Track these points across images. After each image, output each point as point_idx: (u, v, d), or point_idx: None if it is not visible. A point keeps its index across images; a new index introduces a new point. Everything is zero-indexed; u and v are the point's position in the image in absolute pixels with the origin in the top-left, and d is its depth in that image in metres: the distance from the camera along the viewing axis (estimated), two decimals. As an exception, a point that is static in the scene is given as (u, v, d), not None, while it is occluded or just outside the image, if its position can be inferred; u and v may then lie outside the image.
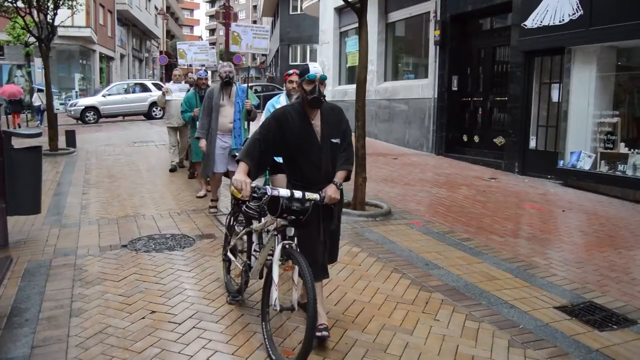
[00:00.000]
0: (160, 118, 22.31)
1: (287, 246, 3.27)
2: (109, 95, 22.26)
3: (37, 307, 4.11)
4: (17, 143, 5.85)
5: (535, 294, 4.40)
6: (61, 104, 23.73)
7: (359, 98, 6.92)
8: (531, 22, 9.52)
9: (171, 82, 10.60)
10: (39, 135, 6.68)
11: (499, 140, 10.87)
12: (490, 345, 3.54)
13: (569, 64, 9.00)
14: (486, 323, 3.86)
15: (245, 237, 4.06)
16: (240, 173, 3.31)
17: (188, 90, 9.20)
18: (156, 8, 49.11)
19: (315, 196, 3.27)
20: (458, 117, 12.16)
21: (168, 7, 58.69)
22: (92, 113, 21.57)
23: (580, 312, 4.05)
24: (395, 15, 14.48)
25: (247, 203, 3.60)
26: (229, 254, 4.27)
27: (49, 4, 12.17)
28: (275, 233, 3.35)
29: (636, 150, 8.07)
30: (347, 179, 3.56)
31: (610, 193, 8.23)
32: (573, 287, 4.56)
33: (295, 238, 3.32)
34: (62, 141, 12.95)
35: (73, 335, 3.63)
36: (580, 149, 8.85)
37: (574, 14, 8.68)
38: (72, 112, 21.51)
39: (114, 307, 4.09)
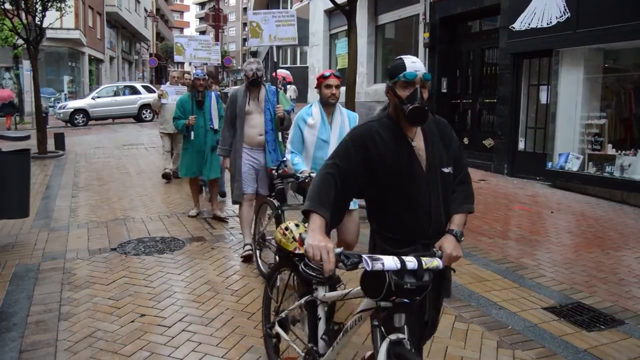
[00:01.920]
0: (150, 120, 22.26)
1: (396, 344, 2.11)
2: (99, 97, 22.15)
3: (26, 311, 4.08)
4: (5, 146, 5.80)
5: (524, 295, 4.43)
6: (50, 106, 23.57)
7: (349, 100, 6.96)
8: (519, 25, 9.60)
9: (167, 83, 9.62)
10: (27, 138, 6.64)
11: (488, 142, 10.93)
12: (479, 346, 3.56)
13: (556, 66, 9.08)
14: (475, 324, 3.88)
15: (303, 307, 2.84)
16: (316, 233, 2.15)
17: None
18: (146, 10, 48.97)
19: (437, 263, 2.11)
20: (447, 118, 11.81)
21: (158, 9, 58.53)
22: (81, 115, 21.46)
23: (569, 313, 4.08)
24: (384, 18, 14.54)
25: (305, 260, 2.57)
26: (276, 327, 3.05)
27: (37, 6, 12.10)
28: (376, 323, 2.18)
29: (623, 152, 8.14)
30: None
31: (598, 194, 8.30)
32: (561, 288, 4.59)
33: (406, 328, 2.16)
34: (51, 144, 12.87)
35: (62, 340, 3.61)
36: (568, 150, 8.92)
37: (561, 16, 8.76)
38: (61, 115, 21.39)
39: (103, 311, 4.07)
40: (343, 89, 7.53)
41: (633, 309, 4.19)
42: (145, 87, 23.57)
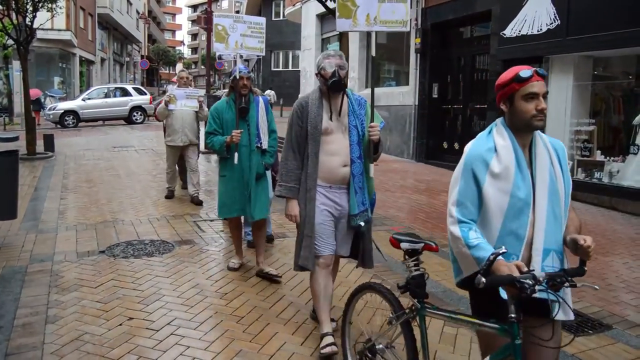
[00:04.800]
0: (141, 123, 22.17)
1: None
2: (89, 99, 22.05)
3: (12, 314, 4.04)
4: (-7, 147, 5.76)
5: (512, 299, 4.44)
6: (33, 109, 23.55)
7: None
8: (510, 31, 9.66)
9: (174, 85, 8.31)
10: (15, 139, 6.60)
11: (479, 148, 10.97)
12: (468, 351, 3.57)
13: (546, 72, 9.12)
14: (464, 329, 3.89)
15: None
16: None
17: (217, 98, 6.75)
18: (138, 12, 48.87)
19: None
20: (438, 124, 12.27)
21: (150, 12, 58.42)
22: (71, 117, 21.35)
23: (557, 318, 4.09)
24: (376, 23, 14.57)
25: None
26: None
27: (27, 7, 12.03)
28: None
29: (612, 158, 8.21)
30: None
31: (586, 200, 8.35)
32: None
33: None
34: (40, 145, 12.79)
35: (48, 343, 3.58)
36: (557, 156, 8.97)
37: (552, 23, 8.82)
38: (51, 116, 21.28)
39: (91, 314, 4.04)
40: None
41: (621, 314, 4.21)
42: (136, 89, 23.49)
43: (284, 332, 3.80)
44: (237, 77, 4.83)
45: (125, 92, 22.90)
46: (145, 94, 23.53)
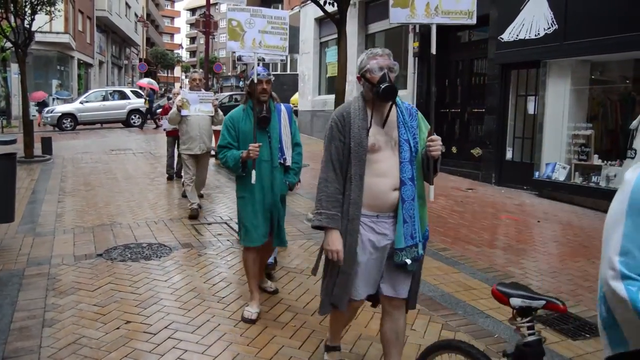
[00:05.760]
0: (139, 126, 22.16)
1: None
2: (87, 102, 22.05)
3: (9, 317, 4.03)
4: (-10, 150, 5.75)
5: (510, 303, 4.45)
6: (37, 111, 23.51)
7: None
8: (508, 36, 9.69)
9: (185, 89, 7.80)
10: (13, 142, 6.59)
11: (476, 151, 11.00)
12: (465, 355, 3.57)
13: (544, 77, 9.17)
14: (462, 332, 3.89)
15: None
16: None
17: (233, 104, 6.20)
18: (136, 15, 48.89)
19: None
20: (436, 128, 12.23)
21: (148, 15, 58.45)
22: (69, 120, 21.34)
23: (555, 322, 4.10)
24: (374, 27, 14.62)
25: None
26: None
27: (26, 9, 12.04)
28: None
29: (609, 162, 8.23)
30: None
31: (584, 204, 8.37)
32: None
33: None
34: (38, 148, 12.77)
35: (45, 346, 3.57)
36: (555, 160, 9.00)
37: (549, 28, 8.86)
38: (49, 119, 21.27)
39: (88, 317, 4.03)
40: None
41: (618, 319, 4.21)
42: (134, 92, 23.50)
43: (281, 335, 3.79)
44: (255, 80, 4.05)
45: (123, 95, 22.92)
46: (143, 96, 23.55)
